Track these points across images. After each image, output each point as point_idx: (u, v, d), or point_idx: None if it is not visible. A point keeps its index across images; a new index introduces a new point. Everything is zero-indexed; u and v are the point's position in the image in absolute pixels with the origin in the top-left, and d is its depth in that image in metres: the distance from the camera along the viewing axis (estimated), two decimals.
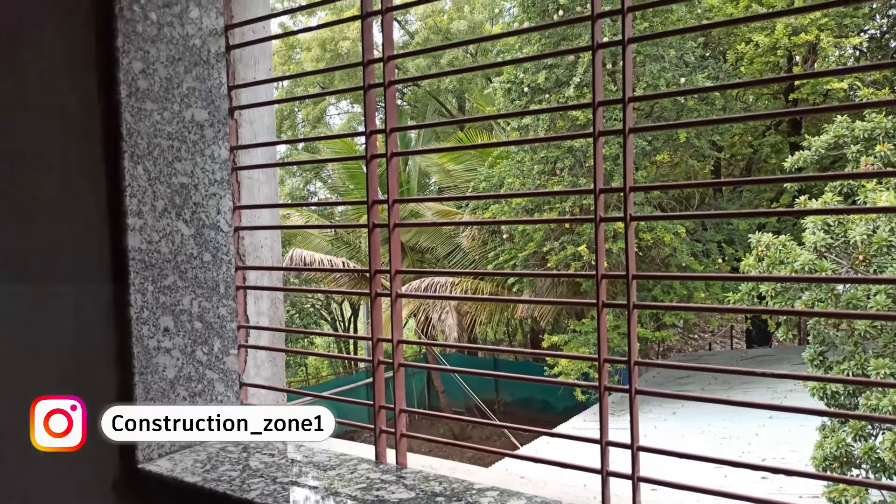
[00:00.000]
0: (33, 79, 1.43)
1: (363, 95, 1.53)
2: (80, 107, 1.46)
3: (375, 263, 1.54)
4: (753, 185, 13.50)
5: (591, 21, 1.23)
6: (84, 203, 1.48)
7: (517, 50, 11.49)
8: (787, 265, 5.95)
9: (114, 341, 1.51)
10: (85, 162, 1.48)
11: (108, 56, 1.46)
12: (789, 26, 9.84)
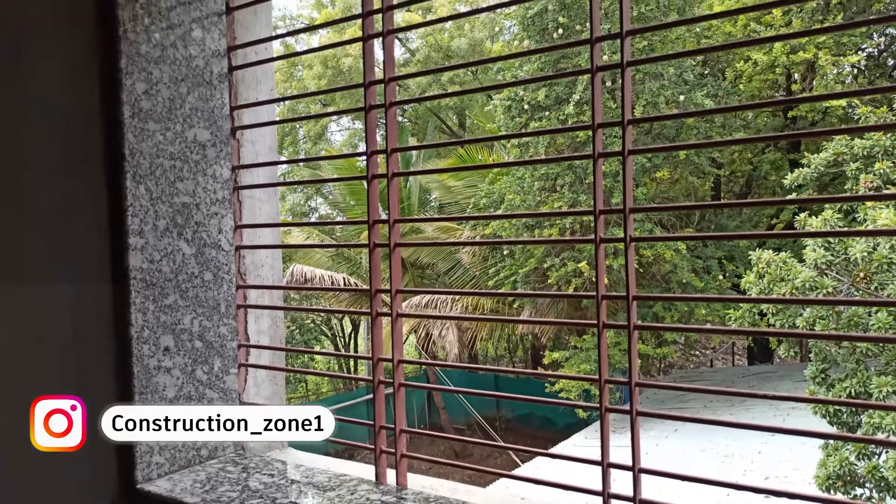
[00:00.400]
0: (36, 100, 1.44)
1: (364, 116, 1.54)
2: (83, 127, 1.47)
3: (376, 283, 1.54)
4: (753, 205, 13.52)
5: (590, 44, 1.24)
6: (86, 224, 1.48)
7: (517, 68, 11.56)
8: (787, 282, 5.94)
9: (113, 358, 1.51)
10: (87, 182, 1.48)
11: (112, 77, 1.47)
12: (787, 44, 9.91)
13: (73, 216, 1.55)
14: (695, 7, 10.61)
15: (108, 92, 1.48)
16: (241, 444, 1.72)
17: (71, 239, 1.48)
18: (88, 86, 1.48)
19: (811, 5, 10.30)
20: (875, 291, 5.97)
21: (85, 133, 1.47)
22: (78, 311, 1.48)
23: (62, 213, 1.56)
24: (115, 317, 1.50)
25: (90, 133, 1.47)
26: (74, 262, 1.48)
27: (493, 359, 21.34)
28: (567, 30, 10.82)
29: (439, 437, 1.51)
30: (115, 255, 1.49)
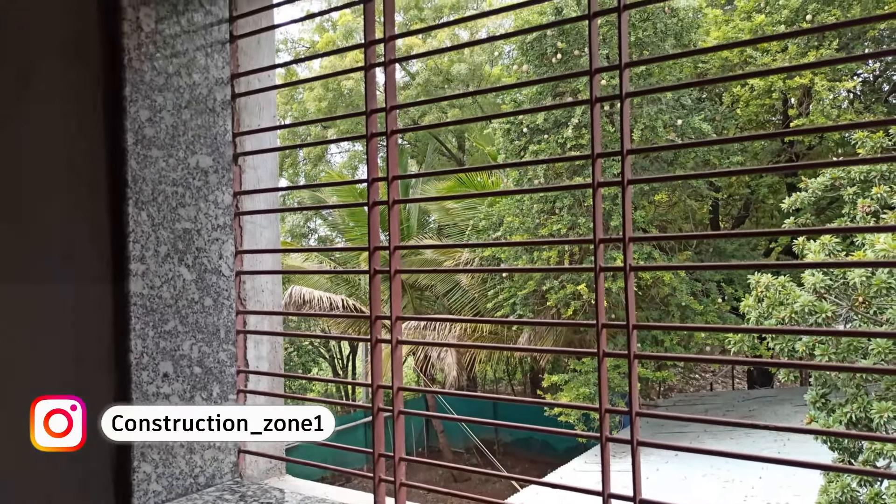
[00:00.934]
0: (41, 126, 1.45)
1: (366, 143, 1.56)
2: (87, 154, 1.48)
3: (376, 309, 1.54)
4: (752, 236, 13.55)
5: (589, 75, 1.26)
6: (87, 250, 1.49)
7: (516, 92, 11.67)
8: (786, 306, 5.94)
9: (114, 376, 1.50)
10: (90, 208, 1.49)
11: (116, 105, 1.49)
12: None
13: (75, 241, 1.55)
14: (691, 33, 10.74)
15: (112, 119, 1.49)
16: (238, 472, 1.70)
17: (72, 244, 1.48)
18: (93, 113, 1.49)
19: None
20: (874, 316, 5.97)
21: (89, 160, 1.48)
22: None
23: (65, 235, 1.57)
24: (115, 341, 1.49)
25: (94, 160, 1.49)
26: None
27: (492, 381, 21.23)
28: (565, 55, 10.93)
29: (439, 466, 1.50)
30: (116, 284, 1.49)
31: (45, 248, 1.52)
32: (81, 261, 1.49)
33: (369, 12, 1.56)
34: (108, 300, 1.49)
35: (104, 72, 1.50)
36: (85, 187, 1.50)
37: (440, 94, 19.01)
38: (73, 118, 1.48)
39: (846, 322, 6.29)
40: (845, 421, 5.55)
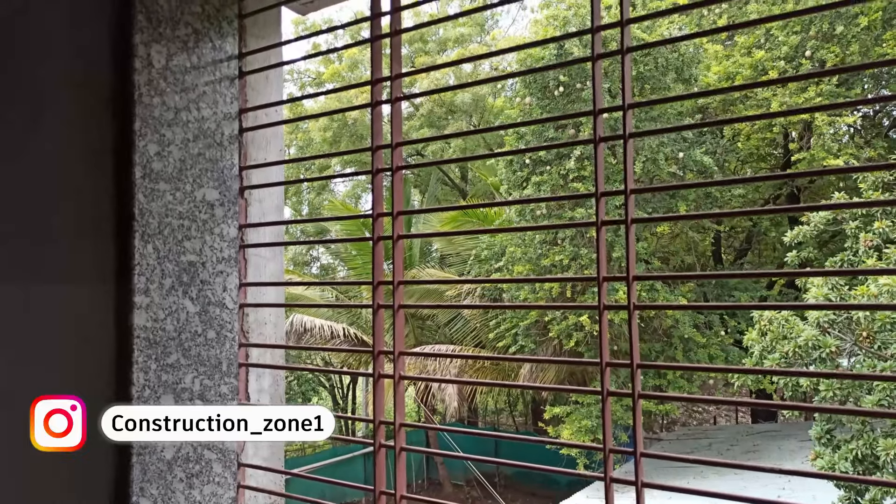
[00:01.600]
0: (50, 160, 1.47)
1: (371, 179, 1.57)
2: (95, 188, 1.50)
3: (379, 344, 1.54)
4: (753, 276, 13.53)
5: (593, 116, 1.28)
6: (92, 283, 1.50)
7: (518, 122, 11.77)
8: (790, 340, 5.91)
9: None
10: (95, 241, 1.50)
11: (125, 139, 1.51)
12: (784, 104, 10.12)
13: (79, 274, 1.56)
14: (692, 67, 10.87)
15: (121, 153, 1.51)
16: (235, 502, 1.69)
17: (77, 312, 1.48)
18: (102, 147, 1.51)
19: (807, 66, 10.55)
20: (878, 351, 5.93)
21: (96, 193, 1.50)
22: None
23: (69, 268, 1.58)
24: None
25: (101, 193, 1.50)
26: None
27: (493, 412, 21.04)
28: (567, 87, 11.06)
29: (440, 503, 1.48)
30: (119, 316, 1.49)
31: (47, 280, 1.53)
32: (85, 294, 1.49)
33: (376, 50, 1.59)
34: (110, 333, 1.49)
35: (114, 107, 1.52)
36: (91, 220, 1.51)
37: (443, 124, 19.18)
38: (82, 152, 1.50)
39: (850, 356, 6.26)
40: (851, 458, 5.48)
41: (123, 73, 1.53)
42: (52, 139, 1.63)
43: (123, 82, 1.53)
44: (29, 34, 1.74)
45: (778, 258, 12.96)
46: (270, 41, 1.83)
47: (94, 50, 1.59)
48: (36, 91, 1.67)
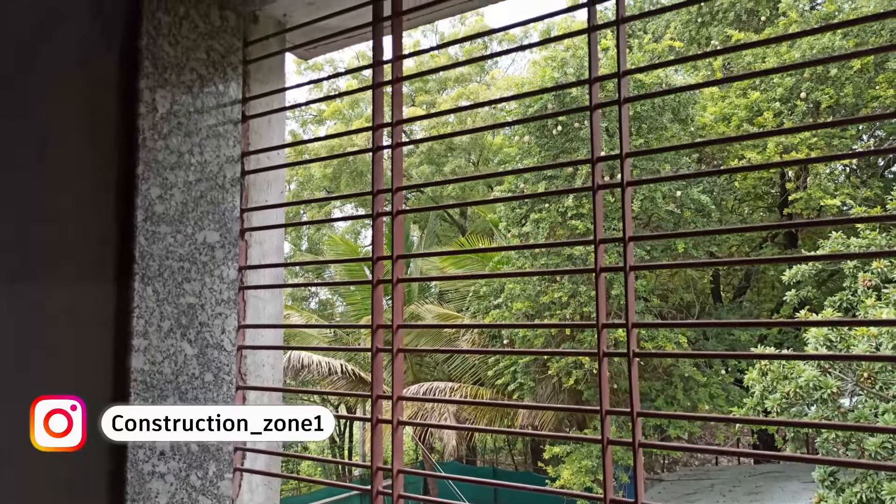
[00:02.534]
0: (54, 202, 1.48)
1: (372, 222, 1.58)
2: (97, 230, 1.51)
3: (378, 388, 1.53)
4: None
5: (591, 164, 1.29)
6: (90, 325, 1.49)
7: (518, 160, 11.89)
8: (790, 380, 5.87)
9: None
10: (95, 283, 1.50)
11: (128, 182, 1.52)
12: (780, 144, 10.24)
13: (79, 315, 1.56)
14: (688, 108, 11.02)
15: (123, 196, 1.52)
16: None
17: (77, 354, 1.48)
18: (105, 190, 1.52)
19: (802, 108, 10.70)
20: (880, 391, 5.89)
21: (99, 236, 1.51)
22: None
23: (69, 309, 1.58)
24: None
25: (104, 236, 1.51)
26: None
27: (492, 450, 20.75)
28: (566, 126, 11.19)
29: None
30: (117, 359, 1.49)
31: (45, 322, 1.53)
32: (83, 335, 1.49)
33: (378, 96, 1.61)
34: (108, 376, 1.49)
35: (119, 151, 1.54)
36: (92, 262, 1.51)
37: (443, 161, 19.34)
38: (85, 195, 1.51)
39: (852, 396, 6.21)
40: (855, 501, 5.39)
41: (128, 116, 1.55)
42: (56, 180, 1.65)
43: (128, 125, 1.55)
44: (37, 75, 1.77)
45: (776, 296, 12.94)
46: (274, 86, 1.86)
47: (100, 92, 1.62)
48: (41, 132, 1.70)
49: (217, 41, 1.71)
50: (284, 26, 1.86)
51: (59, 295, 1.47)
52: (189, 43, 1.64)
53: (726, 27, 12.39)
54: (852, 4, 11.05)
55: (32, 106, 1.76)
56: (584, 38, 11.33)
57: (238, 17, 1.75)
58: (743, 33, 11.80)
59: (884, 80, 10.35)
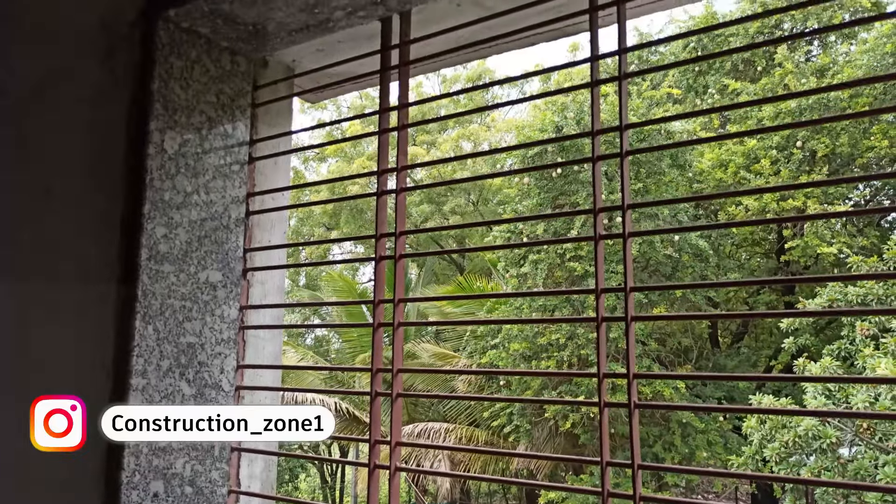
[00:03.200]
0: (59, 241, 1.49)
1: (374, 266, 1.59)
2: (101, 269, 1.52)
3: (375, 433, 1.52)
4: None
5: (593, 214, 1.31)
6: (88, 365, 1.49)
7: (517, 202, 11.98)
8: (789, 429, 5.82)
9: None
10: (96, 321, 1.50)
11: (134, 222, 1.54)
12: (777, 193, 10.35)
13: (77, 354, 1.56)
14: (686, 153, 11.16)
15: (128, 235, 1.54)
16: None
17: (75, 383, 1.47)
18: (111, 229, 1.54)
19: (798, 156, 10.84)
20: (879, 442, 5.83)
21: (102, 275, 1.51)
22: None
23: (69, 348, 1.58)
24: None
25: (107, 275, 1.52)
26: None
27: (486, 494, 20.36)
28: (565, 169, 11.31)
29: None
30: (115, 399, 1.48)
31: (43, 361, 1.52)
32: (81, 376, 1.49)
33: (383, 142, 1.64)
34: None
35: (125, 190, 1.56)
36: (94, 300, 1.52)
37: (443, 200, 19.47)
38: (90, 234, 1.53)
39: (851, 446, 6.14)
40: None
41: (136, 156, 1.57)
42: (62, 215, 1.67)
43: (136, 165, 1.57)
44: (48, 115, 1.81)
45: (774, 342, 12.90)
46: (281, 128, 1.89)
47: (109, 133, 1.64)
48: (49, 169, 1.72)
49: (227, 85, 1.75)
50: (293, 71, 1.90)
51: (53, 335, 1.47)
52: (200, 86, 1.68)
53: (723, 76, 12.64)
54: (846, 57, 11.30)
55: (41, 144, 1.79)
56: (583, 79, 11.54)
57: (249, 62, 1.79)
58: (739, 82, 12.03)
59: (878, 132, 10.51)
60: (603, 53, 1.35)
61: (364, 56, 1.69)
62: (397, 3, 1.54)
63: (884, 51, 10.41)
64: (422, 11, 1.60)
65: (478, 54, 1.76)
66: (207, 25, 1.63)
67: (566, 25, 1.54)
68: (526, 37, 1.61)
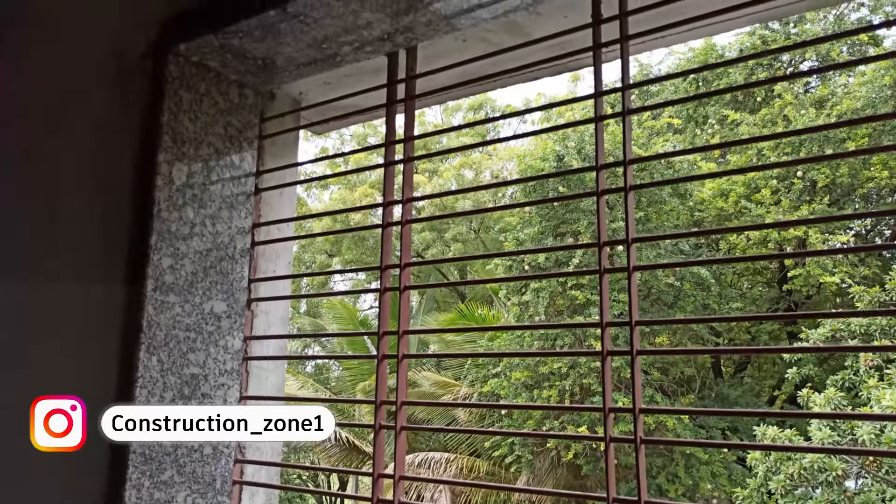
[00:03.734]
0: (65, 271, 1.50)
1: (379, 297, 1.60)
2: (106, 300, 1.52)
3: (379, 467, 1.51)
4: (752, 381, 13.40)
5: (598, 248, 1.32)
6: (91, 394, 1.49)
7: (518, 230, 12.00)
8: (794, 461, 5.75)
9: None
10: (99, 352, 1.51)
11: (141, 252, 1.55)
12: (778, 221, 10.37)
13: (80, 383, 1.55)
14: (688, 182, 11.21)
15: (135, 266, 1.54)
16: None
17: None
18: (117, 260, 1.55)
19: (799, 186, 10.89)
20: (886, 475, 5.76)
21: (107, 306, 1.52)
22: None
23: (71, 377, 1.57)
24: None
25: (112, 305, 1.52)
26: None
27: None
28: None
29: None
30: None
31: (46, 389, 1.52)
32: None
33: (389, 175, 1.66)
34: (103, 449, 1.47)
35: (133, 222, 1.57)
36: (97, 331, 1.52)
37: (444, 227, 19.52)
38: (97, 265, 1.53)
39: (857, 479, 6.06)
40: None
41: (144, 188, 1.59)
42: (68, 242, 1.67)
43: (143, 196, 1.58)
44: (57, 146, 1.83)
45: (778, 372, 12.81)
46: (287, 160, 1.91)
47: (117, 166, 1.66)
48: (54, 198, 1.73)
49: (235, 117, 1.77)
50: (300, 104, 1.93)
51: (57, 363, 1.47)
52: (208, 119, 1.70)
53: (723, 107, 12.76)
54: (845, 89, 11.42)
55: (50, 175, 1.81)
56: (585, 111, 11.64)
57: (256, 95, 1.82)
58: (739, 113, 12.14)
59: (878, 162, 10.58)
60: (606, 90, 1.37)
61: (370, 90, 1.71)
62: (404, 39, 1.56)
63: (882, 83, 10.52)
64: (428, 47, 1.63)
65: (482, 88, 1.78)
66: (217, 59, 1.66)
67: (570, 61, 1.57)
68: (530, 71, 1.63)
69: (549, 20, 1.48)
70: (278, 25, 1.51)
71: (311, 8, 1.44)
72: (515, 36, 1.54)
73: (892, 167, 10.58)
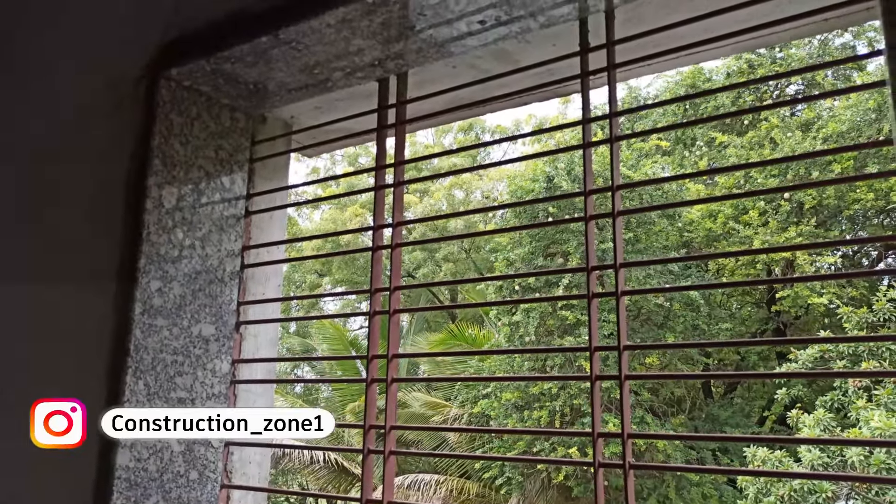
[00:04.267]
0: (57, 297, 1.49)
1: (369, 321, 1.60)
2: (96, 324, 1.51)
3: (368, 492, 1.50)
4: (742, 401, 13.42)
5: (586, 272, 1.33)
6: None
7: (509, 251, 12.04)
8: (784, 483, 5.74)
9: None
10: (88, 375, 1.49)
11: (129, 276, 1.54)
12: (766, 242, 10.46)
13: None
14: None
15: (124, 289, 1.54)
16: None
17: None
18: (107, 284, 1.54)
19: (786, 208, 11.01)
20: (876, 497, 5.76)
21: (96, 330, 1.51)
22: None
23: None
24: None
25: (101, 330, 1.51)
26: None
27: None
28: (557, 218, 11.43)
29: None
30: (102, 454, 1.46)
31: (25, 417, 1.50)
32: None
33: (379, 198, 1.67)
34: (91, 472, 1.45)
35: (122, 244, 1.57)
36: (84, 357, 1.51)
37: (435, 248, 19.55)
38: (87, 287, 1.53)
39: (847, 500, 6.06)
40: None
41: (134, 211, 1.59)
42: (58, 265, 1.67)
43: (133, 219, 1.58)
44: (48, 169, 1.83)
45: (767, 393, 12.83)
46: (278, 183, 1.91)
47: (108, 189, 1.66)
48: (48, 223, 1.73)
49: (226, 140, 1.78)
50: (291, 128, 1.94)
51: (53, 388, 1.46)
52: (199, 142, 1.71)
53: (710, 130, 12.91)
54: (830, 112, 11.59)
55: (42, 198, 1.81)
56: (574, 133, 11.76)
57: (248, 119, 1.83)
58: (726, 135, 12.29)
59: (864, 185, 10.72)
60: (595, 117, 1.39)
61: (361, 114, 1.73)
62: (395, 65, 1.58)
63: (866, 106, 10.69)
64: (418, 73, 1.65)
65: (471, 113, 1.80)
66: (209, 84, 1.67)
67: (558, 88, 1.59)
68: (519, 97, 1.66)
69: (538, 48, 1.50)
70: (270, 51, 1.52)
71: (302, 35, 1.46)
72: (504, 63, 1.56)
73: (877, 190, 10.72)
